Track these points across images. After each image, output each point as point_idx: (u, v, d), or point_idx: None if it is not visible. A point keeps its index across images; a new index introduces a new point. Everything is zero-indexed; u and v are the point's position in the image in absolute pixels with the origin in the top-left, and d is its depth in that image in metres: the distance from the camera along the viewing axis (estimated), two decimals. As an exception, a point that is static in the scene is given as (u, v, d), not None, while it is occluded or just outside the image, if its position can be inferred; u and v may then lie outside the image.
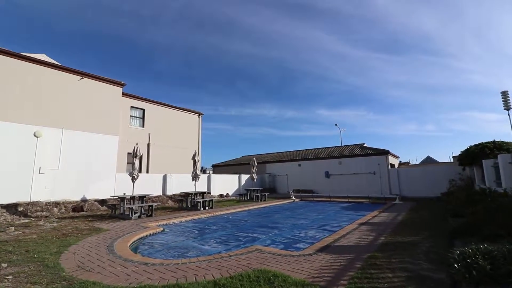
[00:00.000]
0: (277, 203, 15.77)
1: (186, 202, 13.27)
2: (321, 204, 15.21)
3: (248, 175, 23.83)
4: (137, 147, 11.22)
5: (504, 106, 23.58)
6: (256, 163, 18.23)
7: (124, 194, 11.27)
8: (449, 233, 6.06)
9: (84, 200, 12.81)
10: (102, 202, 13.08)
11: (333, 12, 47.39)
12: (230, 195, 21.33)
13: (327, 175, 22.93)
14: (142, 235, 6.99)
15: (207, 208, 12.96)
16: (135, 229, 7.56)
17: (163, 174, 16.81)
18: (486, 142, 13.79)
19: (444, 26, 46.39)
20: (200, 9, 45.90)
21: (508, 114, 23.09)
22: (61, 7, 40.90)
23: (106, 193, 13.59)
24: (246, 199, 17.51)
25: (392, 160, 21.85)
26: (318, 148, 28.10)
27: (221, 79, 65.38)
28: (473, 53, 50.70)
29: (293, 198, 18.03)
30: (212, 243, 6.37)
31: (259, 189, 18.31)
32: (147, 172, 17.87)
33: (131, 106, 17.71)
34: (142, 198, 10.90)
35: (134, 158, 11.10)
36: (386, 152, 20.39)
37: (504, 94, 23.79)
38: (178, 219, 9.73)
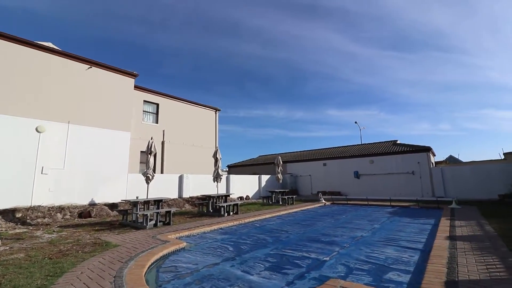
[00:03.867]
0: (308, 207, 13.77)
1: (206, 206, 11.50)
2: (361, 209, 13.11)
3: (268, 176, 21.97)
4: (152, 142, 9.53)
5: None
6: (281, 162, 16.30)
7: (137, 198, 9.59)
8: None
9: (92, 204, 11.24)
10: (113, 206, 11.47)
11: (341, 11, 45.30)
12: (250, 197, 19.48)
13: (357, 175, 20.73)
14: (161, 254, 5.20)
15: (231, 213, 11.13)
16: (152, 245, 5.79)
17: (179, 175, 15.13)
18: None
19: (458, 21, 43.43)
20: (208, 13, 44.71)
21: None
22: (75, 16, 40.52)
23: (117, 196, 11.99)
24: (270, 202, 15.62)
25: (431, 158, 19.47)
26: (345, 146, 25.88)
27: (230, 81, 64.04)
28: (489, 49, 47.31)
29: (323, 201, 15.97)
30: (260, 268, 4.50)
31: (285, 191, 16.37)
32: (162, 172, 16.26)
33: (144, 101, 16.16)
34: (158, 202, 9.18)
35: (149, 156, 9.41)
36: (427, 149, 18.04)
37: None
38: (201, 228, 7.93)
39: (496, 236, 6.07)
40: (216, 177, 11.92)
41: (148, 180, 9.47)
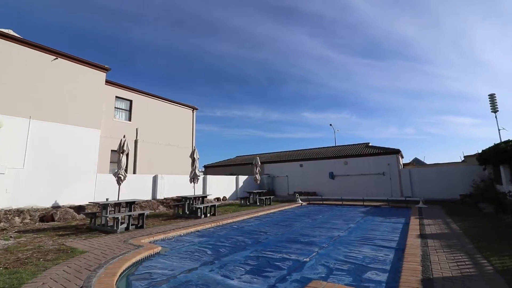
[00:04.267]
0: (286, 207, 13.87)
1: (182, 208, 11.12)
2: (336, 209, 13.45)
3: (246, 176, 21.88)
4: (125, 140, 9.01)
5: (491, 109, 22.92)
6: (259, 163, 16.27)
7: (107, 199, 9.01)
8: None
9: (56, 207, 10.39)
10: (79, 209, 10.68)
11: (317, 16, 46.98)
12: (227, 198, 19.24)
13: (332, 176, 21.31)
14: (134, 260, 4.87)
15: (208, 215, 10.87)
16: (123, 250, 5.42)
17: (153, 175, 14.53)
18: (516, 139, 12.49)
19: (422, 33, 47.07)
20: (184, 8, 43.73)
21: (495, 117, 22.53)
22: (39, 2, 37.52)
23: (84, 198, 11.21)
24: (248, 203, 15.51)
25: (400, 160, 20.54)
26: (320, 148, 26.51)
27: (207, 80, 63.05)
28: (449, 59, 51.80)
29: (300, 201, 16.20)
30: (240, 272, 4.37)
31: (262, 191, 16.36)
32: (134, 172, 15.51)
33: (116, 96, 15.31)
34: (130, 204, 8.68)
35: (121, 154, 8.88)
36: (397, 152, 19.02)
37: (492, 96, 23.16)
38: (177, 231, 7.63)
39: (461, 234, 6.48)
40: (193, 178, 11.58)
41: (119, 181, 8.94)
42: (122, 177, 8.94)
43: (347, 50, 52.68)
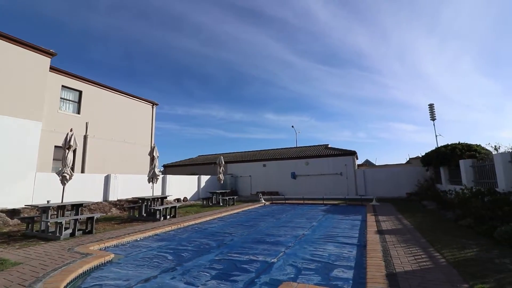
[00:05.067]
0: (249, 207, 13.75)
1: (139, 210, 10.29)
2: (298, 208, 13.73)
3: (208, 176, 21.31)
4: (72, 135, 7.97)
5: (430, 117, 25.94)
6: (223, 162, 15.90)
7: (48, 202, 7.87)
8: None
9: (-19, 212, 8.79)
10: (13, 213, 9.21)
11: (282, 22, 48.87)
12: (188, 199, 18.47)
13: (294, 176, 21.83)
14: (80, 270, 4.24)
15: (168, 217, 10.22)
16: (68, 260, 4.71)
17: (106, 175, 13.25)
18: (453, 144, 14.08)
19: (373, 44, 51.62)
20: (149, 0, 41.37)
21: (433, 124, 25.60)
22: None
23: (19, 201, 9.71)
24: (210, 203, 15.04)
25: (355, 161, 21.88)
26: (283, 148, 27.02)
27: (167, 75, 60.26)
28: (394, 70, 57.44)
29: (263, 201, 16.23)
30: (205, 278, 4.06)
31: (225, 191, 16.01)
32: (82, 171, 13.98)
33: (63, 86, 13.63)
34: (77, 207, 7.70)
35: (67, 151, 7.83)
36: (353, 153, 20.20)
37: (431, 106, 26.21)
38: (133, 235, 6.96)
39: (413, 229, 6.99)
40: (152, 177, 10.79)
41: (64, 181, 7.86)
42: (68, 177, 7.88)
43: (308, 56, 54.98)
